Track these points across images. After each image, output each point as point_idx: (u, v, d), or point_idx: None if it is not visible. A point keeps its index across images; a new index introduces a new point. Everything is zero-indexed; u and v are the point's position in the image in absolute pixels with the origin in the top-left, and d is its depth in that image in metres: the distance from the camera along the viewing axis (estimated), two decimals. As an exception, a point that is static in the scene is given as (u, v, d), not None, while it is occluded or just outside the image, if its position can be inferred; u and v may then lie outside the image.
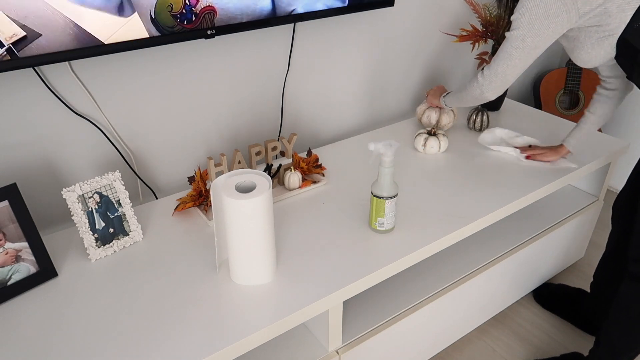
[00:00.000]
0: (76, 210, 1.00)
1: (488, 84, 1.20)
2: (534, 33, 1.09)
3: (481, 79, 1.21)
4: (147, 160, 1.32)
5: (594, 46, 1.09)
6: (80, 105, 1.16)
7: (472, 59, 1.96)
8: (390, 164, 1.04)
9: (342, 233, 1.13)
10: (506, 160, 1.42)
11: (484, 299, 1.41)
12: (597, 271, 1.43)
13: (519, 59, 1.14)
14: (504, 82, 1.19)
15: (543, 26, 1.08)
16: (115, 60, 1.16)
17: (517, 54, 1.13)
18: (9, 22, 0.88)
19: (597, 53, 1.10)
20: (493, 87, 1.20)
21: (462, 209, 1.21)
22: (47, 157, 1.16)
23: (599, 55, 1.11)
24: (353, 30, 1.54)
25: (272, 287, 0.97)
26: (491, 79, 1.19)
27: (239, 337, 0.86)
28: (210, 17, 1.10)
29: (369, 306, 1.20)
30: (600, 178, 1.61)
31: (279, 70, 1.45)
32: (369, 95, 1.71)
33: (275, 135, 1.55)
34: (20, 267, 0.96)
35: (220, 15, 1.12)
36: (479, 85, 1.22)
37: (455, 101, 1.38)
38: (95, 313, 0.92)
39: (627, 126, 2.12)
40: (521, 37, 1.10)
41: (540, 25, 1.08)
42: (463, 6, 1.78)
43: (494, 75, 1.18)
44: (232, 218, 0.90)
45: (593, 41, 1.09)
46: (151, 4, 1.02)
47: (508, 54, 1.14)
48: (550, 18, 1.06)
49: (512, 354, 1.45)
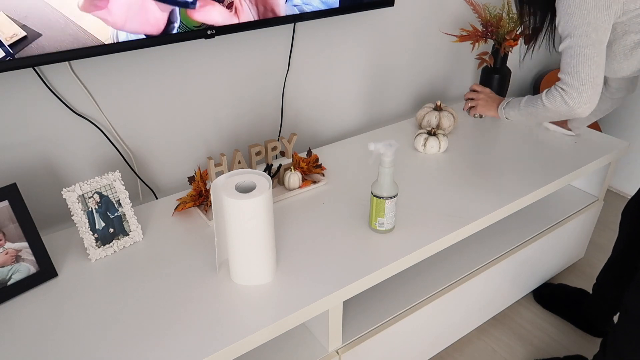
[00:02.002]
0: (76, 210, 1.00)
1: (578, 97, 1.05)
2: (592, 27, 1.01)
3: (566, 96, 1.07)
4: (147, 160, 1.32)
5: (627, 57, 1.07)
6: (80, 105, 1.16)
7: (472, 59, 1.96)
8: (390, 164, 1.04)
9: (342, 233, 1.13)
10: (506, 160, 1.42)
11: (484, 299, 1.41)
12: (602, 275, 1.42)
13: (596, 54, 1.02)
14: (594, 86, 1.04)
15: (597, 18, 1.01)
16: (116, 60, 1.16)
17: (591, 52, 1.02)
18: (9, 22, 0.88)
19: (629, 64, 1.08)
20: (584, 98, 1.05)
21: (462, 209, 1.21)
22: (47, 157, 1.16)
23: (631, 65, 1.09)
24: (353, 31, 1.54)
25: (272, 287, 0.97)
26: (580, 90, 1.04)
27: (239, 337, 0.86)
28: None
29: (369, 306, 1.20)
30: (600, 178, 1.61)
31: (279, 70, 1.45)
32: (369, 95, 1.71)
33: (275, 135, 1.55)
34: (20, 267, 0.96)
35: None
36: (565, 102, 1.07)
37: (525, 116, 1.23)
38: (95, 313, 0.92)
39: (627, 126, 2.12)
40: (584, 34, 1.01)
41: (595, 18, 1.00)
42: (463, 6, 1.78)
43: (581, 83, 1.04)
44: (232, 218, 0.90)
45: (627, 51, 1.07)
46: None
47: (583, 56, 1.02)
48: (601, 10, 1.00)
49: (512, 354, 1.45)
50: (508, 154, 1.46)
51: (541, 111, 1.16)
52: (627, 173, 2.18)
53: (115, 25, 0.98)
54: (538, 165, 1.40)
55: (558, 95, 1.09)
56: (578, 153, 1.46)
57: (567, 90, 1.06)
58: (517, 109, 1.24)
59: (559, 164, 1.40)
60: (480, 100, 1.40)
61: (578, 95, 1.05)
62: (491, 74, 1.70)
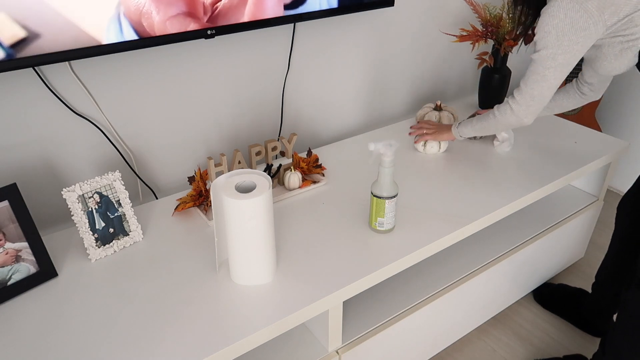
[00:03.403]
0: (76, 210, 1.00)
1: (525, 110, 1.15)
2: (563, 50, 1.04)
3: (515, 106, 1.17)
4: (147, 160, 1.32)
5: (617, 57, 1.08)
6: (80, 105, 1.16)
7: (472, 59, 1.96)
8: (390, 164, 1.04)
9: (342, 233, 1.13)
10: (506, 160, 1.42)
11: (484, 299, 1.41)
12: (600, 272, 1.43)
13: (553, 78, 1.09)
14: (541, 104, 1.14)
15: (572, 42, 1.03)
16: (116, 60, 1.16)
17: (550, 74, 1.09)
18: (9, 22, 0.88)
19: (620, 63, 1.09)
20: (531, 111, 1.16)
21: (462, 209, 1.21)
22: (47, 157, 1.16)
23: (622, 65, 1.10)
24: (353, 31, 1.54)
25: (272, 287, 0.97)
26: (528, 103, 1.14)
27: (238, 337, 0.86)
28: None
29: (369, 306, 1.20)
30: (600, 178, 1.61)
31: (279, 70, 1.45)
32: (369, 95, 1.71)
33: (275, 135, 1.55)
34: (20, 267, 0.96)
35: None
36: (514, 113, 1.17)
37: (478, 131, 1.31)
38: (95, 313, 0.92)
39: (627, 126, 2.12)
40: (551, 56, 1.06)
41: (569, 42, 1.03)
42: (463, 6, 1.78)
43: (530, 99, 1.13)
44: (232, 218, 0.90)
45: (616, 52, 1.07)
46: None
47: (541, 76, 1.09)
48: (578, 32, 1.02)
49: (512, 354, 1.45)
50: (508, 154, 1.46)
51: (493, 123, 1.25)
52: (627, 173, 2.18)
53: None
54: (538, 165, 1.40)
55: (509, 108, 1.19)
56: (578, 153, 1.46)
57: (518, 104, 1.16)
58: (470, 125, 1.33)
59: (559, 164, 1.40)
60: (431, 128, 1.44)
61: (526, 109, 1.16)
62: (491, 74, 1.70)
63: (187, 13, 1.05)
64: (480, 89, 1.77)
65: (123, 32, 1.00)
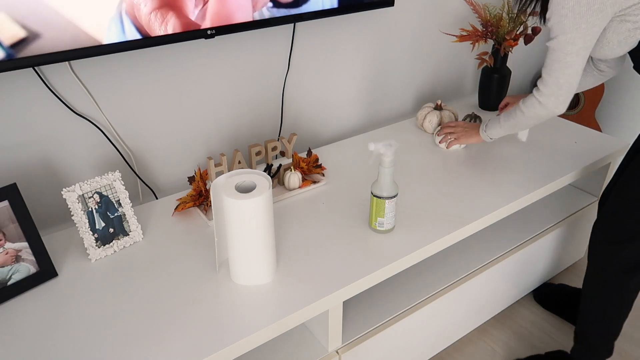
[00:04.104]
0: (76, 210, 1.00)
1: (555, 100, 1.12)
2: (582, 33, 1.01)
3: (543, 99, 1.13)
4: (147, 160, 1.32)
5: (621, 43, 1.07)
6: (80, 105, 1.16)
7: (472, 59, 1.96)
8: (390, 164, 1.04)
9: (342, 233, 1.13)
10: (506, 160, 1.42)
11: (484, 299, 1.41)
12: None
13: (576, 63, 1.06)
14: (570, 91, 1.11)
15: (590, 24, 1.00)
16: (115, 60, 1.16)
17: (572, 60, 1.05)
18: (9, 22, 0.88)
19: (621, 49, 1.09)
20: (562, 100, 1.12)
21: (462, 209, 1.21)
22: (47, 157, 1.16)
23: (622, 51, 1.09)
24: (353, 30, 1.54)
25: (272, 287, 0.97)
26: (556, 93, 1.11)
27: (238, 337, 0.86)
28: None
29: (369, 306, 1.20)
30: (600, 178, 1.61)
31: (279, 70, 1.45)
32: (369, 95, 1.71)
33: (275, 135, 1.55)
34: (20, 267, 0.96)
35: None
36: (543, 105, 1.14)
37: (507, 130, 1.29)
38: (95, 313, 0.92)
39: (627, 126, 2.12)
40: (570, 40, 1.03)
41: (587, 24, 1.00)
42: (463, 6, 1.78)
43: (558, 88, 1.10)
44: (232, 218, 0.90)
45: (621, 39, 1.06)
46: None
47: (563, 63, 1.06)
48: (595, 14, 0.99)
49: (512, 354, 1.45)
50: (508, 154, 1.46)
51: (522, 120, 1.22)
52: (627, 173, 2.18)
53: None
54: (538, 165, 1.40)
55: (536, 102, 1.15)
56: (578, 153, 1.46)
57: (546, 96, 1.13)
58: (498, 125, 1.30)
59: (559, 164, 1.40)
60: (460, 131, 1.43)
61: (556, 99, 1.12)
62: (491, 74, 1.70)
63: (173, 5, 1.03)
64: (480, 89, 1.77)
65: (125, 31, 1.00)
